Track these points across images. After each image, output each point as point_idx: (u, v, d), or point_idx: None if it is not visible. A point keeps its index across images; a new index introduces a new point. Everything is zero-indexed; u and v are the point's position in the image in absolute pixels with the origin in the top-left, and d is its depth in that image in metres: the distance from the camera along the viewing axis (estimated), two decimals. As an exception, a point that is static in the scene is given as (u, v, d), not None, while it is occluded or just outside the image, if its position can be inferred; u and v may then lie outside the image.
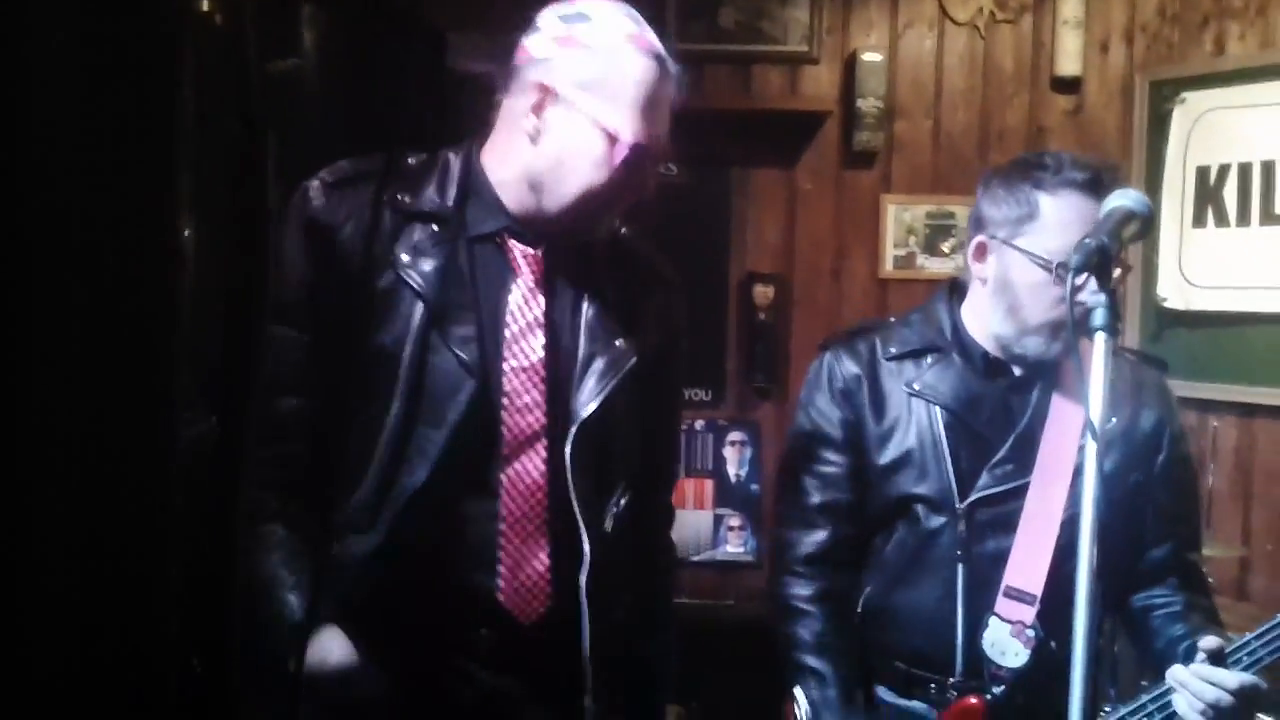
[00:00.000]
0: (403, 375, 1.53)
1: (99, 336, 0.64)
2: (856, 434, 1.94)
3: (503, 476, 1.59)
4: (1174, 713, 1.68)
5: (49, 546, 0.63)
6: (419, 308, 1.54)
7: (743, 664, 2.69)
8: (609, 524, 1.65)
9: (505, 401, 1.58)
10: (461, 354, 1.56)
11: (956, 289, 2.00)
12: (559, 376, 1.62)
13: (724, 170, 3.89)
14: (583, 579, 1.60)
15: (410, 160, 1.64)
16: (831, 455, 1.95)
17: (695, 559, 3.75)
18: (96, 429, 0.64)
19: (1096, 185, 1.77)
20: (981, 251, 1.89)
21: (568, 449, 1.60)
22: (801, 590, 1.95)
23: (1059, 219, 1.78)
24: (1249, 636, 1.67)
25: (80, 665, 0.63)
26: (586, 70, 1.55)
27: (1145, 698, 1.73)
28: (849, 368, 1.96)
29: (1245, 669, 1.65)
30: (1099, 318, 1.31)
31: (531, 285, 1.62)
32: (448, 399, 1.54)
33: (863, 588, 1.96)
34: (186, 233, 0.66)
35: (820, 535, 1.96)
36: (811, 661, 1.91)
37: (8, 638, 0.62)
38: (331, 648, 1.51)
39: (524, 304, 1.61)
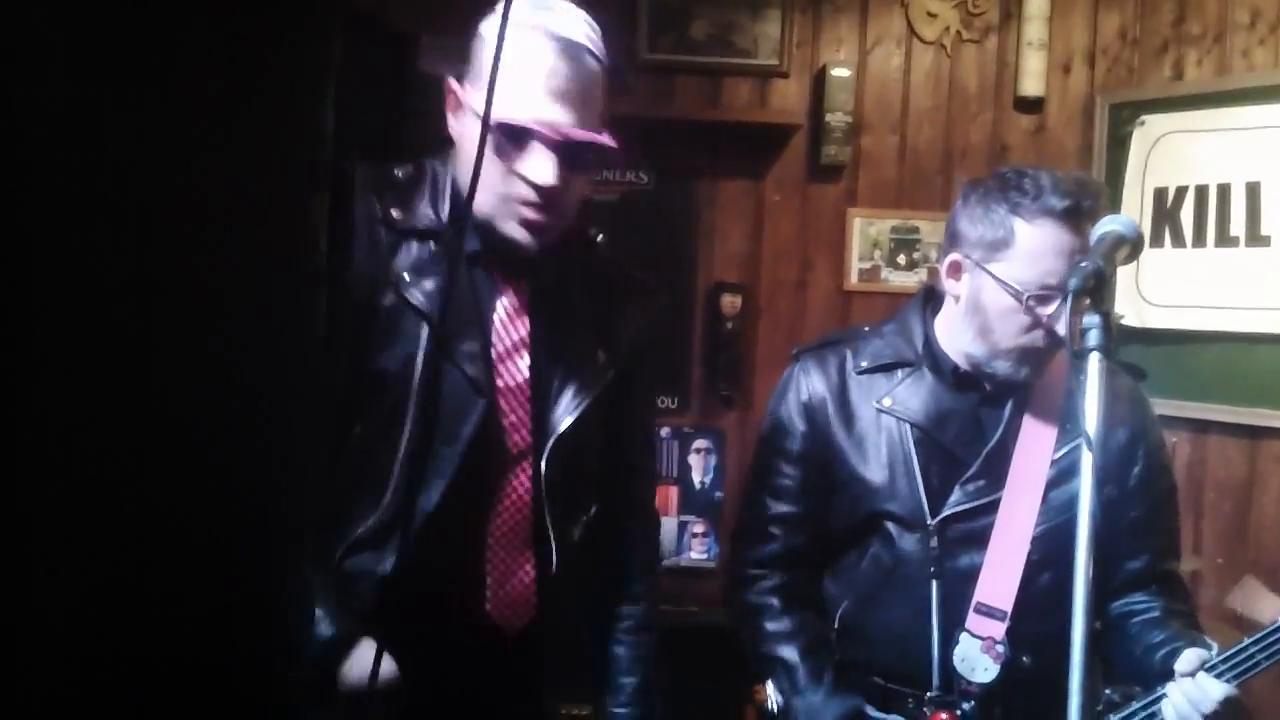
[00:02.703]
0: (414, 395, 1.51)
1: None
2: (819, 448, 1.94)
3: (493, 495, 1.60)
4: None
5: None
6: (424, 328, 1.52)
7: (705, 670, 2.72)
8: (578, 533, 1.67)
9: (499, 420, 1.59)
10: (470, 371, 1.55)
11: (931, 298, 1.99)
12: (541, 395, 1.62)
13: (693, 180, 3.92)
14: (547, 584, 1.64)
15: (398, 172, 1.60)
16: (788, 468, 1.97)
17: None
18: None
19: (1075, 214, 1.74)
20: (956, 269, 1.88)
21: (543, 464, 1.61)
22: (758, 586, 1.97)
23: (1033, 249, 1.76)
24: (1244, 643, 1.67)
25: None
26: (478, 62, 1.52)
27: (1135, 705, 1.73)
28: (816, 383, 1.96)
29: (1233, 679, 1.65)
30: (1093, 339, 1.34)
31: (516, 304, 1.61)
32: (459, 417, 1.54)
33: (838, 603, 1.97)
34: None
35: (772, 545, 1.98)
36: (775, 650, 1.93)
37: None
38: (379, 662, 1.49)
39: (509, 323, 1.61)
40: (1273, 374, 3.41)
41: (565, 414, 1.62)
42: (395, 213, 1.55)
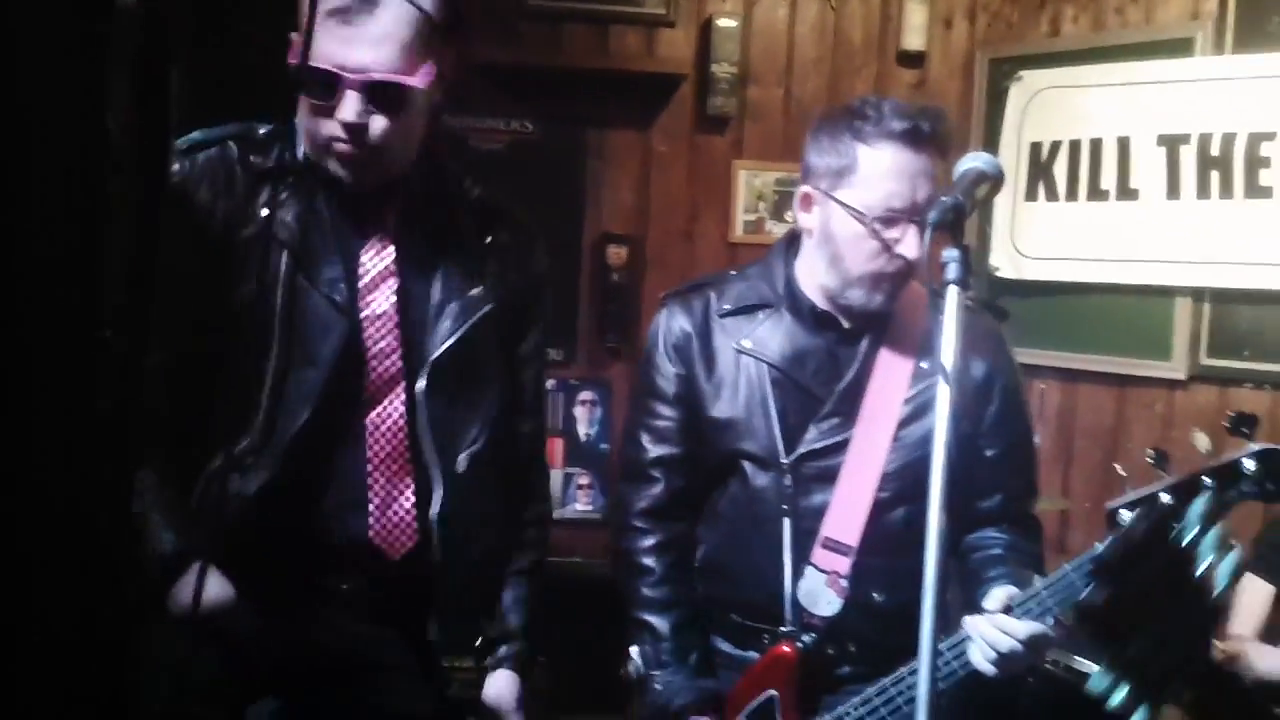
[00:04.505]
0: (277, 321, 1.59)
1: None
2: (689, 389, 1.95)
3: (367, 420, 1.65)
4: (969, 659, 1.72)
5: None
6: (284, 255, 1.61)
7: (591, 620, 2.73)
8: (463, 464, 1.70)
9: (366, 346, 1.65)
10: (331, 295, 1.62)
11: (794, 242, 2.00)
12: (413, 322, 1.67)
13: (579, 130, 3.89)
14: (433, 514, 1.67)
15: (260, 130, 1.68)
16: (664, 409, 1.97)
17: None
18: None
19: (915, 136, 1.78)
20: (807, 202, 1.90)
21: (420, 388, 1.66)
22: (641, 543, 1.98)
23: (876, 171, 1.79)
24: (1039, 586, 1.70)
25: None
26: (303, 11, 1.60)
27: (942, 645, 1.73)
28: (681, 324, 1.97)
29: (1036, 618, 1.68)
30: (952, 272, 1.35)
31: (382, 235, 1.68)
32: (322, 339, 1.61)
33: (700, 543, 1.99)
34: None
35: (655, 489, 1.98)
36: (646, 617, 1.94)
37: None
38: (207, 582, 1.53)
39: (375, 254, 1.67)
40: (1140, 324, 3.54)
41: (440, 341, 1.68)
42: (253, 157, 1.64)
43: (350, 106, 1.55)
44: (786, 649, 1.86)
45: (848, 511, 1.85)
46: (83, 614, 0.67)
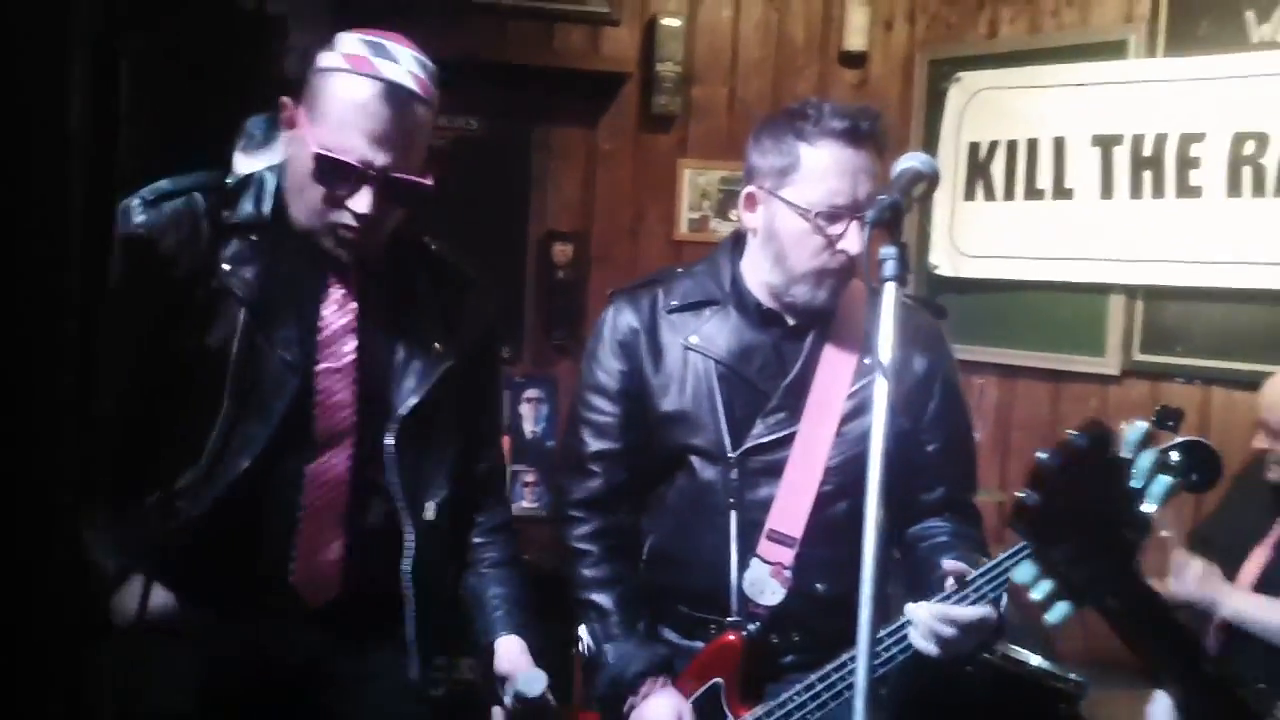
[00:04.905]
0: (230, 374, 1.65)
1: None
2: (634, 385, 1.99)
3: (306, 470, 1.71)
4: (911, 645, 1.76)
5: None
6: (242, 312, 1.66)
7: (539, 616, 2.74)
8: (430, 513, 1.77)
9: (318, 399, 1.70)
10: (285, 355, 1.68)
11: (739, 240, 2.03)
12: (373, 378, 1.74)
13: (525, 127, 3.89)
14: (407, 566, 1.75)
15: (228, 180, 1.75)
16: (606, 405, 2.01)
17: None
18: None
19: (855, 134, 1.84)
20: (751, 202, 1.94)
21: (389, 444, 1.73)
22: (579, 530, 2.01)
23: (818, 169, 1.84)
24: (976, 574, 1.75)
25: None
26: (314, 93, 1.65)
27: (883, 632, 1.77)
28: (629, 320, 2.00)
29: (973, 604, 1.73)
30: (889, 269, 1.39)
31: (344, 292, 1.73)
32: (273, 396, 1.67)
33: (647, 534, 2.02)
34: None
35: (594, 483, 2.02)
36: (591, 596, 1.98)
37: None
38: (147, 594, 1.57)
39: (338, 308, 1.73)
40: (1075, 320, 3.62)
41: (406, 397, 1.75)
42: (220, 210, 1.69)
43: (366, 200, 1.62)
44: (732, 638, 1.91)
45: (792, 504, 1.89)
46: (33, 632, 0.68)
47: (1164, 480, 1.30)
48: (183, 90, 1.68)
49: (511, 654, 1.80)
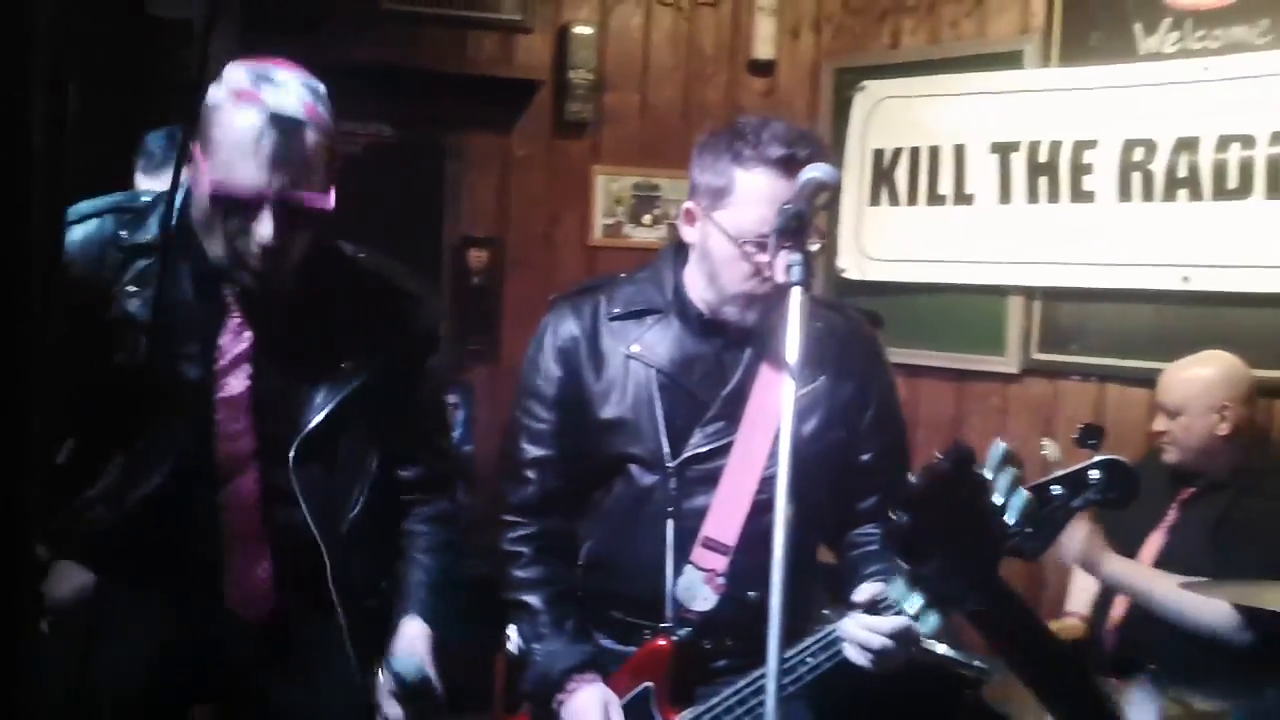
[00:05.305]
0: (132, 398, 1.69)
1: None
2: (573, 392, 1.99)
3: (219, 497, 1.76)
4: (841, 654, 1.78)
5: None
6: (142, 337, 1.69)
7: (462, 619, 2.75)
8: (345, 528, 1.81)
9: (218, 429, 1.74)
10: (183, 383, 1.72)
11: (682, 249, 2.03)
12: (270, 404, 1.76)
13: (439, 134, 3.91)
14: (330, 579, 1.78)
15: (141, 200, 1.77)
16: (543, 412, 2.01)
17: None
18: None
19: (790, 164, 1.80)
20: (690, 217, 1.94)
21: (291, 464, 1.76)
22: (513, 534, 2.02)
23: (749, 196, 1.84)
24: (887, 591, 1.74)
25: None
26: (206, 128, 1.67)
27: (809, 640, 1.79)
28: (570, 327, 2.00)
29: (898, 613, 1.73)
30: (795, 274, 1.44)
31: (239, 320, 1.75)
32: (172, 426, 1.72)
33: (585, 540, 2.03)
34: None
35: (528, 489, 2.02)
36: (521, 596, 1.98)
37: None
38: (72, 572, 1.69)
39: (233, 337, 1.75)
40: (976, 322, 3.74)
41: (313, 415, 1.77)
42: (125, 233, 1.72)
43: (267, 227, 1.62)
44: (661, 642, 1.92)
45: (727, 512, 1.90)
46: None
47: (1023, 495, 1.38)
48: (82, 95, 1.67)
49: (406, 635, 1.82)
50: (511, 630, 2.01)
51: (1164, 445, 2.87)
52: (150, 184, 2.56)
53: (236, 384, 1.74)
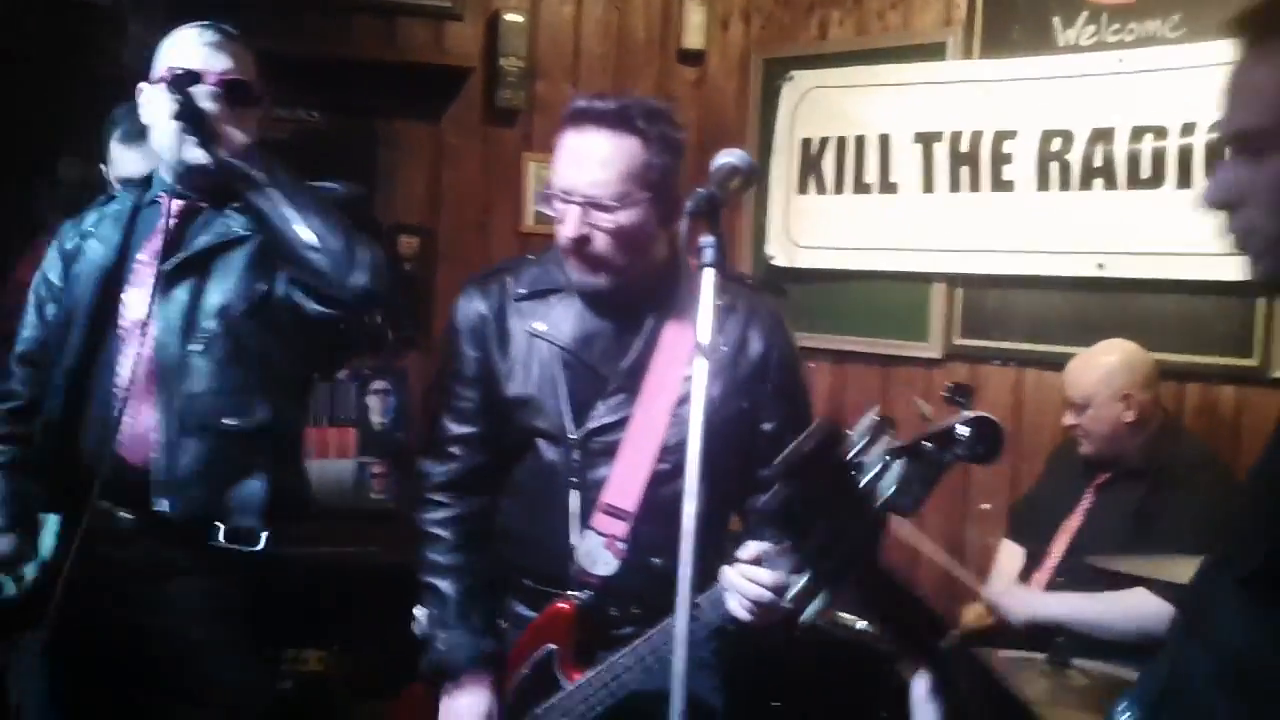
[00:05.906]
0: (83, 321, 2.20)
1: None
2: (485, 370, 2.05)
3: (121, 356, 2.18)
4: (728, 610, 1.82)
5: None
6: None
7: (386, 610, 2.76)
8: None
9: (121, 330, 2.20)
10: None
11: None
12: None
13: (369, 120, 3.90)
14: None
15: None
16: (464, 390, 2.07)
17: (338, 507, 3.76)
18: None
19: (582, 116, 1.89)
20: None
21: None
22: (434, 515, 2.07)
23: (558, 153, 1.94)
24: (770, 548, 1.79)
25: None
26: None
27: (700, 598, 1.81)
28: (478, 307, 2.06)
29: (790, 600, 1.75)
30: (708, 256, 1.49)
31: (157, 248, 2.15)
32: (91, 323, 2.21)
33: (499, 513, 2.09)
34: None
35: (453, 465, 2.08)
36: (433, 580, 2.04)
37: None
38: None
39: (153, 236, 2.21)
40: (901, 308, 3.82)
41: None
42: (101, 167, 2.08)
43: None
44: (564, 605, 1.98)
45: (627, 480, 1.96)
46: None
47: (895, 468, 1.44)
48: (12, 81, 1.67)
49: None
50: (418, 612, 2.06)
51: (1077, 437, 2.96)
52: (129, 154, 2.58)
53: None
